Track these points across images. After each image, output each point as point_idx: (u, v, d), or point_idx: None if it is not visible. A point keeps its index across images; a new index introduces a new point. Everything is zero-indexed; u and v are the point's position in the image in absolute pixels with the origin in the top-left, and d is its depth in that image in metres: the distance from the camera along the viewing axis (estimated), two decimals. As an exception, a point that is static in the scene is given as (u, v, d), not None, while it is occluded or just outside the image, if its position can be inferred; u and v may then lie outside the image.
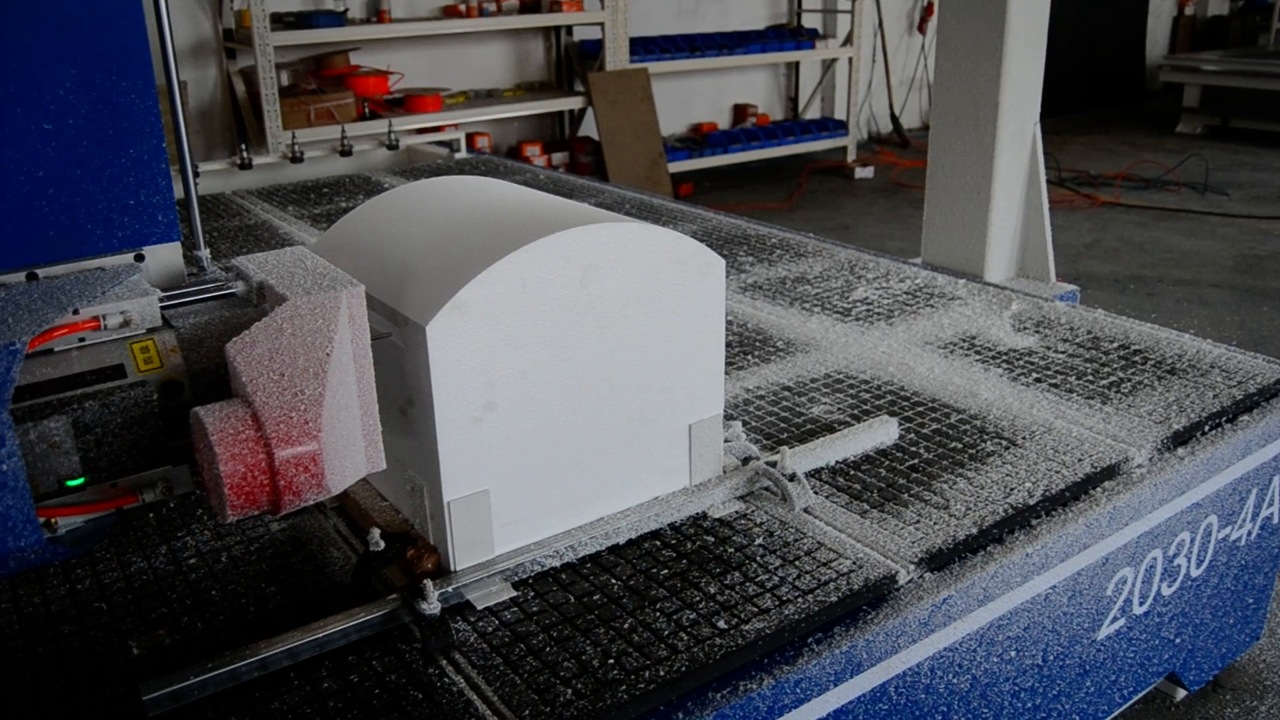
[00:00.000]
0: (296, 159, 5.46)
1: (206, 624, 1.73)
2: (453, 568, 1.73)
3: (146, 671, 1.60)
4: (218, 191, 5.08)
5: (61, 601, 1.81)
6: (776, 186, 9.43)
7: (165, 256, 1.67)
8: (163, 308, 1.54)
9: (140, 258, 1.65)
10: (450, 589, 1.70)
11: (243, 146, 5.57)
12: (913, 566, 1.83)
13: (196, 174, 5.06)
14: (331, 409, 1.42)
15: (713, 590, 1.76)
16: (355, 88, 7.63)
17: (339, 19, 7.51)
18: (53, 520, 1.42)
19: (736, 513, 1.99)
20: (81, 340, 1.45)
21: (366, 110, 7.62)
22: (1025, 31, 3.96)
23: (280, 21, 7.32)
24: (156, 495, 1.52)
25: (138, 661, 1.65)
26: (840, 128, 10.23)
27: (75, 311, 1.44)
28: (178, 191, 1.69)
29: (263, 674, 1.59)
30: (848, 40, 10.38)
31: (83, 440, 1.40)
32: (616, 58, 8.71)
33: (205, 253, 1.76)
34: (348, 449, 1.47)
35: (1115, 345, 2.77)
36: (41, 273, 1.58)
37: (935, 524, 1.95)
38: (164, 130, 1.61)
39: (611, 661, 1.59)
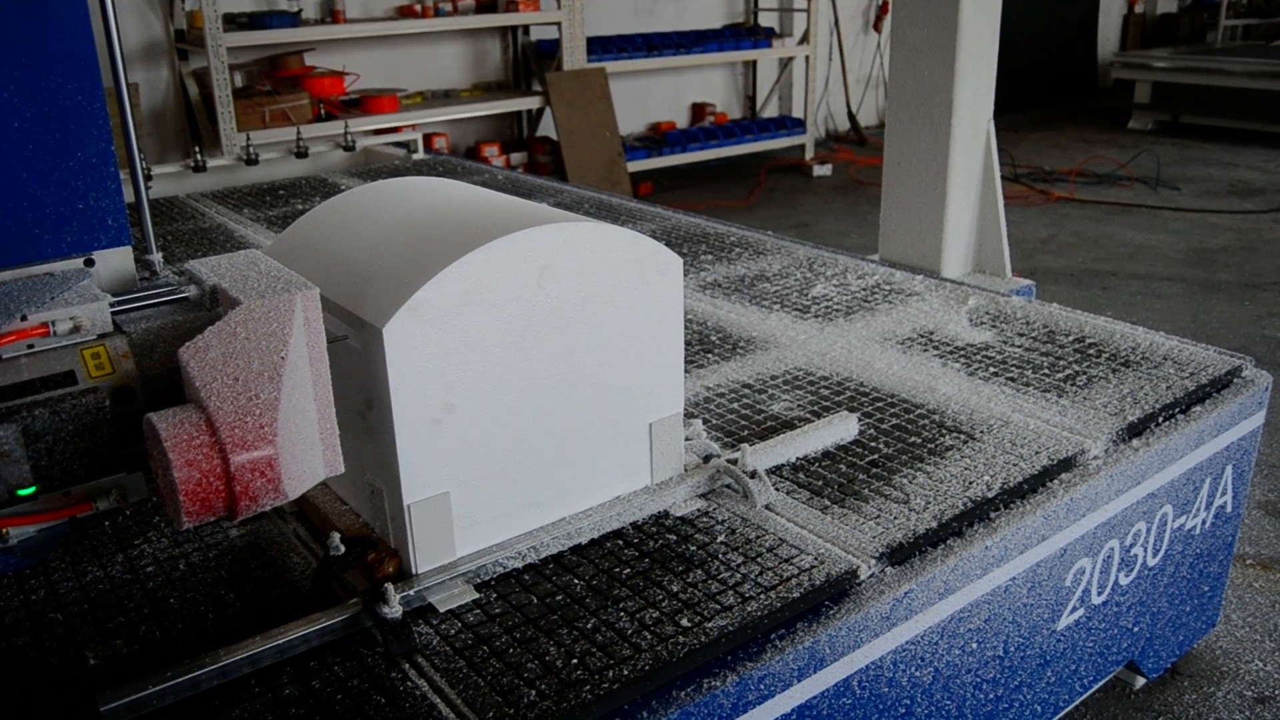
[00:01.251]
0: (251, 161, 5.40)
1: (165, 632, 1.71)
2: (414, 571, 1.72)
3: (104, 682, 1.57)
4: (171, 195, 5.02)
5: (15, 613, 1.77)
6: (735, 185, 9.46)
7: (116, 261, 1.65)
8: (114, 313, 1.52)
9: (90, 262, 1.62)
10: (412, 592, 1.69)
11: (196, 149, 5.50)
12: (874, 561, 1.84)
13: (149, 177, 4.99)
14: (288, 413, 1.41)
15: (675, 588, 1.76)
16: (310, 89, 7.56)
17: (293, 19, 7.44)
18: (4, 530, 1.40)
19: (698, 511, 1.99)
20: (30, 347, 1.43)
21: (322, 111, 7.55)
22: (977, 30, 4.02)
23: (233, 22, 7.24)
24: (110, 503, 1.50)
25: (95, 672, 1.62)
26: (798, 126, 10.29)
27: (23, 318, 1.41)
28: (128, 195, 1.66)
29: (223, 682, 1.57)
30: (804, 39, 10.43)
31: (33, 448, 1.37)
32: (574, 57, 8.70)
33: (157, 256, 1.73)
34: (305, 453, 1.46)
35: (1070, 339, 2.81)
36: None
37: (895, 518, 1.96)
38: (113, 133, 1.58)
39: (575, 662, 1.59)
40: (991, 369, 2.63)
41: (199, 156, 5.35)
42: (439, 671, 1.58)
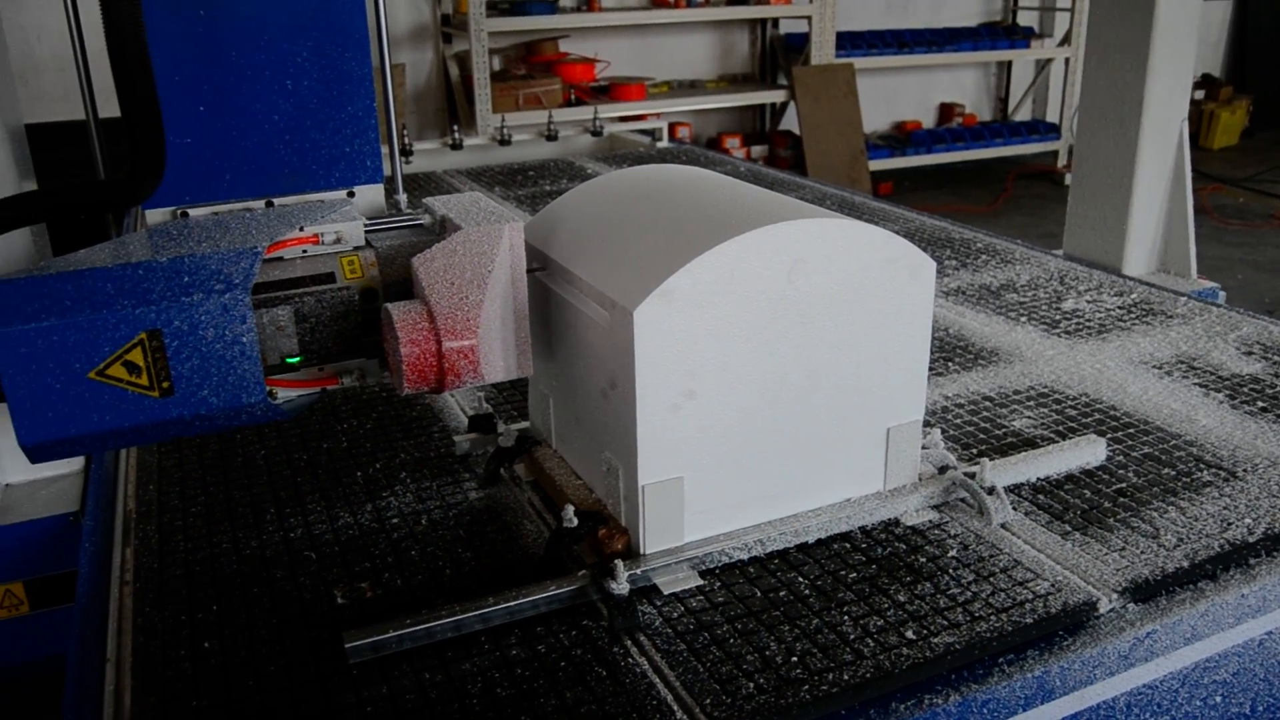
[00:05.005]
0: (505, 142, 5.63)
1: (405, 582, 1.81)
2: (642, 550, 1.75)
3: (349, 621, 1.69)
4: (429, 170, 5.30)
5: (275, 547, 1.93)
6: (980, 189, 9.14)
7: (370, 195, 1.99)
8: (367, 231, 1.84)
9: (351, 194, 1.96)
10: (638, 571, 1.72)
11: (454, 128, 5.78)
12: (1116, 595, 1.74)
13: (408, 152, 5.29)
14: (488, 315, 1.71)
15: (902, 599, 1.72)
16: (563, 74, 7.81)
17: (551, 7, 7.70)
18: (274, 390, 1.70)
19: (930, 522, 1.94)
20: (304, 252, 1.76)
21: (572, 97, 7.79)
22: (1174, 29, 3.96)
23: (495, 8, 7.56)
24: (353, 381, 1.79)
25: (341, 610, 1.74)
26: (1052, 131, 9.83)
27: (301, 229, 1.76)
28: (387, 167, 2.08)
29: (455, 635, 1.65)
30: (1065, 40, 9.94)
31: (301, 327, 1.72)
32: (822, 52, 8.61)
33: (403, 197, 2.18)
34: (500, 350, 1.74)
35: (1356, 378, 2.56)
36: (277, 201, 1.93)
37: (1142, 553, 1.85)
38: (378, 106, 1.95)
39: (795, 660, 1.58)
40: (1260, 403, 2.43)
41: (456, 135, 5.61)
42: (660, 652, 1.61)
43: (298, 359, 1.74)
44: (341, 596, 1.78)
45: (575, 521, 1.78)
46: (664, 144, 5.75)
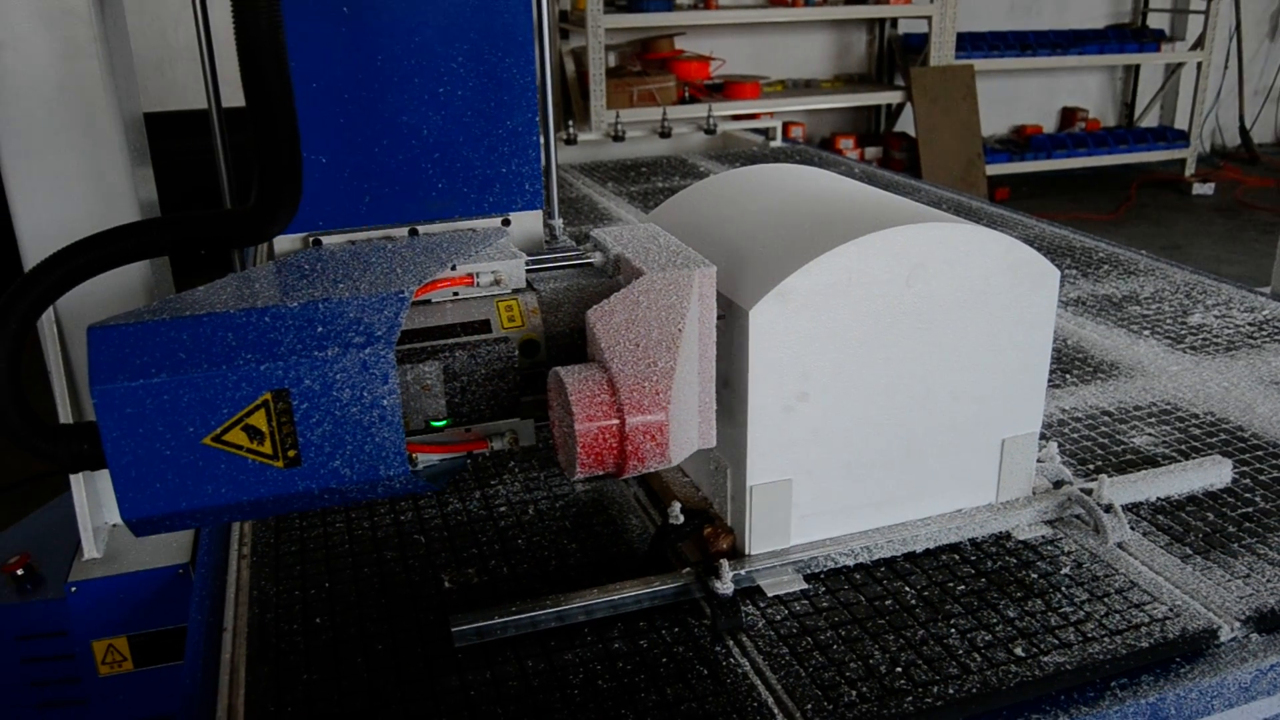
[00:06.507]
0: (618, 138, 5.67)
1: (511, 570, 1.84)
2: (747, 551, 1.75)
3: (456, 605, 1.72)
4: (543, 164, 5.35)
5: (386, 529, 1.97)
6: (1100, 197, 8.87)
7: (528, 223, 1.76)
8: (527, 271, 1.63)
9: (507, 222, 1.74)
10: (743, 572, 1.72)
11: (569, 123, 5.84)
12: (1238, 624, 1.68)
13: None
14: (679, 383, 1.47)
15: (1011, 614, 1.68)
16: (677, 72, 7.82)
17: (668, 4, 7.71)
18: (414, 455, 1.51)
19: (1043, 537, 1.89)
20: (455, 295, 1.56)
21: (686, 94, 7.79)
22: None
23: (612, 5, 7.61)
24: (504, 445, 1.59)
25: (448, 594, 1.77)
26: (1180, 138, 9.48)
27: (453, 268, 1.55)
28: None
29: (559, 625, 1.66)
30: (1198, 43, 9.58)
31: (450, 386, 1.50)
32: (941, 53, 8.45)
33: (558, 222, 1.84)
34: (688, 422, 1.52)
35: None
36: (421, 229, 1.71)
37: (1269, 581, 1.78)
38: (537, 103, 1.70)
39: (899, 670, 1.56)
40: (1402, 431, 2.31)
41: (570, 130, 5.67)
42: (762, 654, 1.60)
43: (444, 422, 1.52)
44: (449, 580, 1.81)
45: (681, 519, 1.78)
46: (777, 143, 5.72)
